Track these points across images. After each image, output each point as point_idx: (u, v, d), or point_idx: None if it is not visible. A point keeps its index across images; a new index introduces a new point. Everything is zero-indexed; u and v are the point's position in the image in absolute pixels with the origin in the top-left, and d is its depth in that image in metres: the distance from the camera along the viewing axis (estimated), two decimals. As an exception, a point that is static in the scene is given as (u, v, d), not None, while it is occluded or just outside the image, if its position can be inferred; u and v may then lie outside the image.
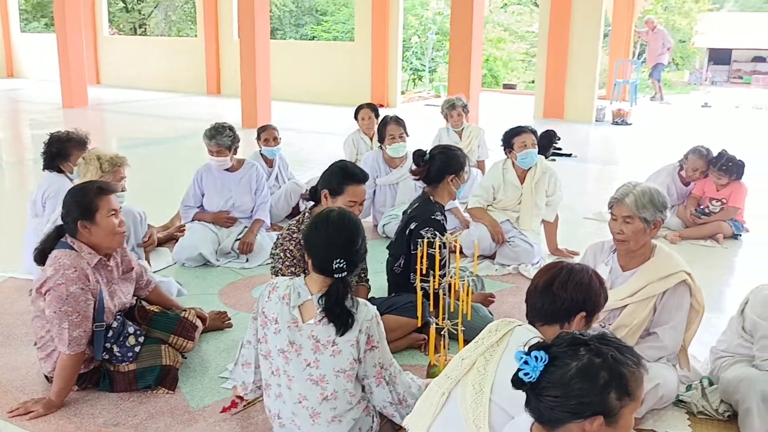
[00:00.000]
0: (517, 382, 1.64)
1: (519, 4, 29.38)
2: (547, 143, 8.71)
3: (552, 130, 8.87)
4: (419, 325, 3.19)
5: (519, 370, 1.61)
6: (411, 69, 23.83)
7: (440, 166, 3.70)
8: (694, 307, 3.06)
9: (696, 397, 3.02)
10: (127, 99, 15.06)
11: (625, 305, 3.05)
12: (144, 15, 27.30)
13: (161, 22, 27.07)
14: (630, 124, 11.55)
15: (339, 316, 2.43)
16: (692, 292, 3.04)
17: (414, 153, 3.80)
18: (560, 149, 8.96)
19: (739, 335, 3.10)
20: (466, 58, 9.12)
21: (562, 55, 11.62)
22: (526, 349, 1.61)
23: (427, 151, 3.83)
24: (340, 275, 2.44)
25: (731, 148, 5.77)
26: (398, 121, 5.45)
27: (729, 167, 5.31)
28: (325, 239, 2.47)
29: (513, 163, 4.97)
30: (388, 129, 5.41)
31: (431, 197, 3.74)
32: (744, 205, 5.56)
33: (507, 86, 18.21)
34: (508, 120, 11.64)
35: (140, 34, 26.73)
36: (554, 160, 8.55)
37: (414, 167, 3.79)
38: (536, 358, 1.57)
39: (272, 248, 3.35)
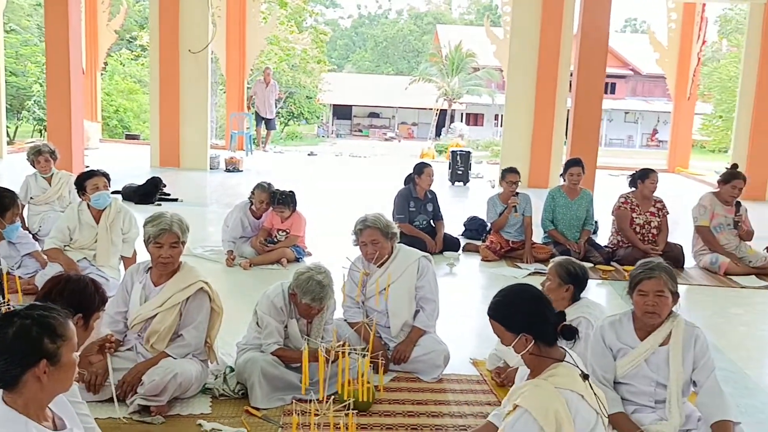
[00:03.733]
0: None
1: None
2: (153, 189, 9.19)
3: (158, 177, 9.35)
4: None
5: None
6: (35, 119, 22.35)
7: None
8: (215, 310, 3.75)
9: (219, 383, 3.70)
10: None
11: (156, 314, 3.62)
12: None
13: None
14: (241, 171, 12.59)
15: None
16: (212, 298, 3.72)
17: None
18: (168, 194, 9.45)
19: (255, 330, 3.88)
20: (65, 107, 9.15)
21: (174, 106, 12.23)
22: None
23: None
24: None
25: (304, 184, 6.85)
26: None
27: (284, 200, 6.35)
28: None
29: (88, 205, 5.30)
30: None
31: (-20, 236, 3.91)
32: (304, 233, 6.65)
33: (130, 136, 18.28)
34: (124, 168, 11.81)
35: None
36: (160, 204, 8.99)
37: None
38: None
39: None
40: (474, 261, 7.03)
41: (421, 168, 7.15)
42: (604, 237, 7.55)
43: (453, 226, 7.93)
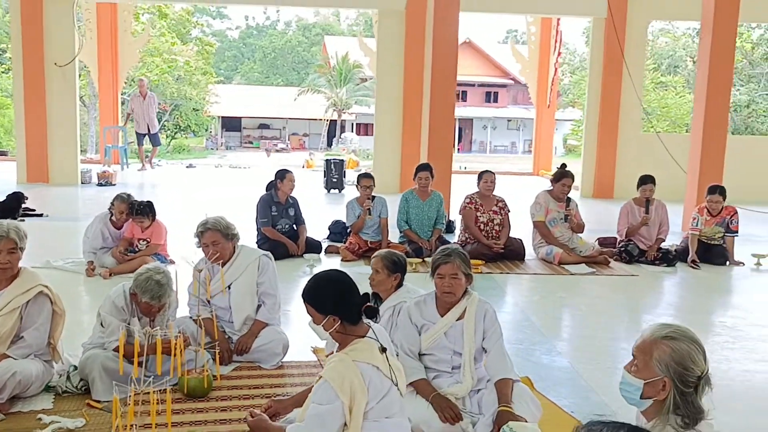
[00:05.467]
0: None
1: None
2: (15, 204, 9.06)
3: (20, 192, 9.23)
4: None
5: None
6: None
7: None
8: (57, 312, 3.93)
9: (62, 381, 3.88)
10: None
11: (-3, 319, 3.77)
12: None
13: None
14: (114, 185, 12.48)
15: None
16: (53, 301, 3.91)
17: None
18: (32, 209, 9.33)
19: (99, 330, 4.09)
20: None
21: (41, 121, 12.00)
22: None
23: None
24: None
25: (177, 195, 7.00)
26: None
27: (143, 210, 6.53)
28: None
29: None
30: None
31: None
32: (165, 241, 6.84)
33: (-2, 153, 17.58)
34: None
35: None
36: (23, 220, 8.86)
37: None
38: None
39: None
40: (335, 262, 7.43)
41: (283, 174, 7.49)
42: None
43: (320, 230, 8.33)
